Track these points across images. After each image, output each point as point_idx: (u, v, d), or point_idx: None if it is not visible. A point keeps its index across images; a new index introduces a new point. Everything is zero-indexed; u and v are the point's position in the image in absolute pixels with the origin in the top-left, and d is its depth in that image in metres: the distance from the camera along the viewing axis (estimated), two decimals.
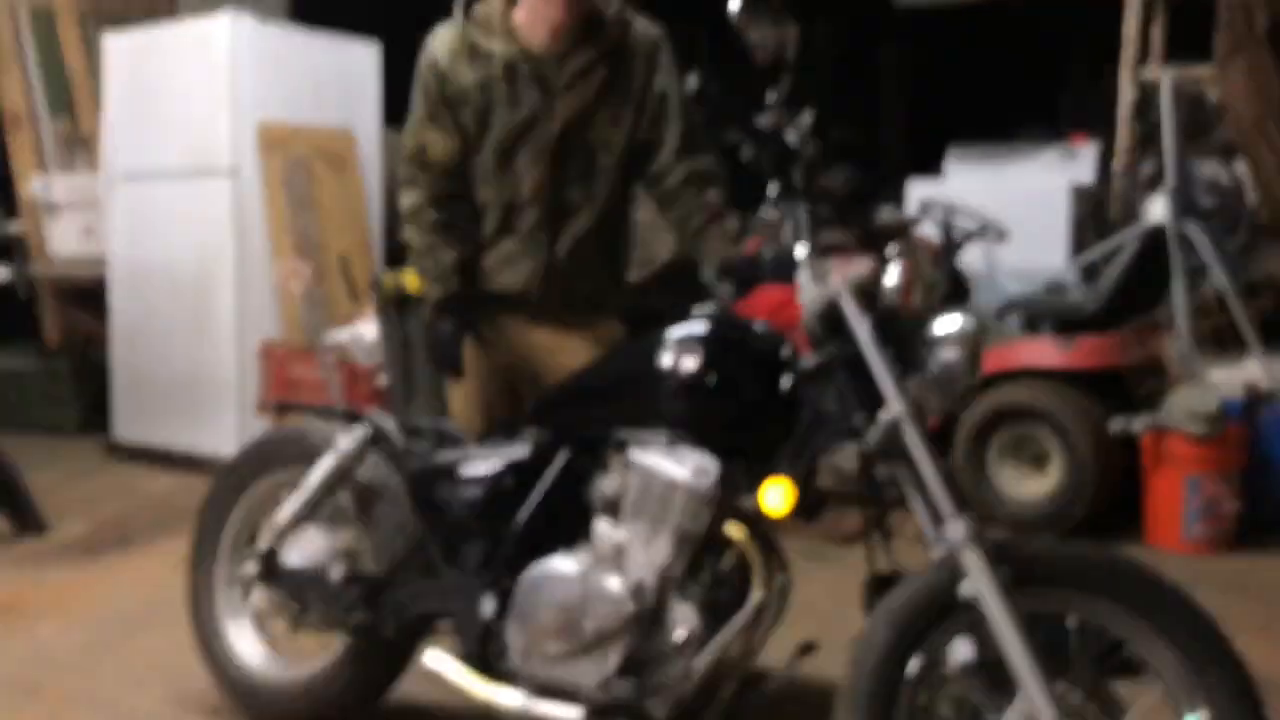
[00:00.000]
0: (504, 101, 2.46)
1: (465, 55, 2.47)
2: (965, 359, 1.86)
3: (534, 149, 2.48)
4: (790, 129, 1.99)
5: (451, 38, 2.50)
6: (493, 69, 2.46)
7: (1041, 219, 5.40)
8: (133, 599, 3.56)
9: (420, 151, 2.55)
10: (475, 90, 2.47)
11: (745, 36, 1.95)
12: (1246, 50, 4.76)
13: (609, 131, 2.51)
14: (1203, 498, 3.92)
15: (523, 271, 2.55)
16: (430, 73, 2.51)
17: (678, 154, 2.55)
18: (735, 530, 2.02)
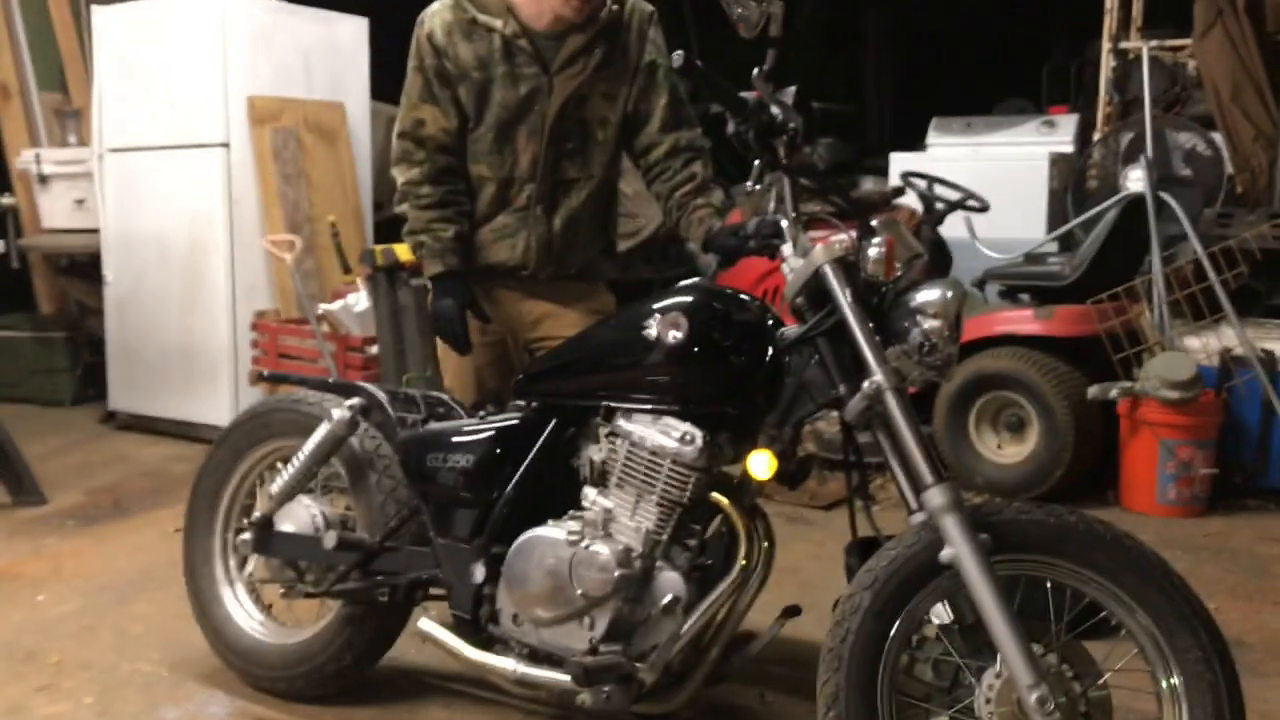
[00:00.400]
0: (503, 79, 2.48)
1: (463, 32, 2.48)
2: (946, 329, 1.90)
3: (532, 126, 2.51)
4: (774, 102, 2.02)
5: (449, 14, 2.49)
6: (492, 46, 2.47)
7: (1021, 189, 5.47)
8: (129, 566, 3.61)
9: (417, 126, 2.55)
10: (474, 67, 2.48)
11: (730, 10, 1.97)
12: (1224, 23, 4.81)
13: (605, 107, 2.56)
14: (1177, 462, 3.99)
15: (519, 245, 2.59)
16: (427, 48, 2.50)
17: (664, 126, 2.61)
18: (720, 497, 2.07)
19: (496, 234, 2.60)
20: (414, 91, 2.55)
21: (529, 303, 2.66)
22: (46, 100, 6.33)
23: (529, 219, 2.57)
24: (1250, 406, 4.12)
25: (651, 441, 2.05)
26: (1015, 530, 1.81)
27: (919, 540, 1.83)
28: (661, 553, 2.08)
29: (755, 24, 1.97)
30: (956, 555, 1.75)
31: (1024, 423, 4.24)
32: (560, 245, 2.61)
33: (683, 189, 2.59)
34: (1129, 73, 5.43)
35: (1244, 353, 4.09)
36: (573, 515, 2.15)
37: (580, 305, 2.68)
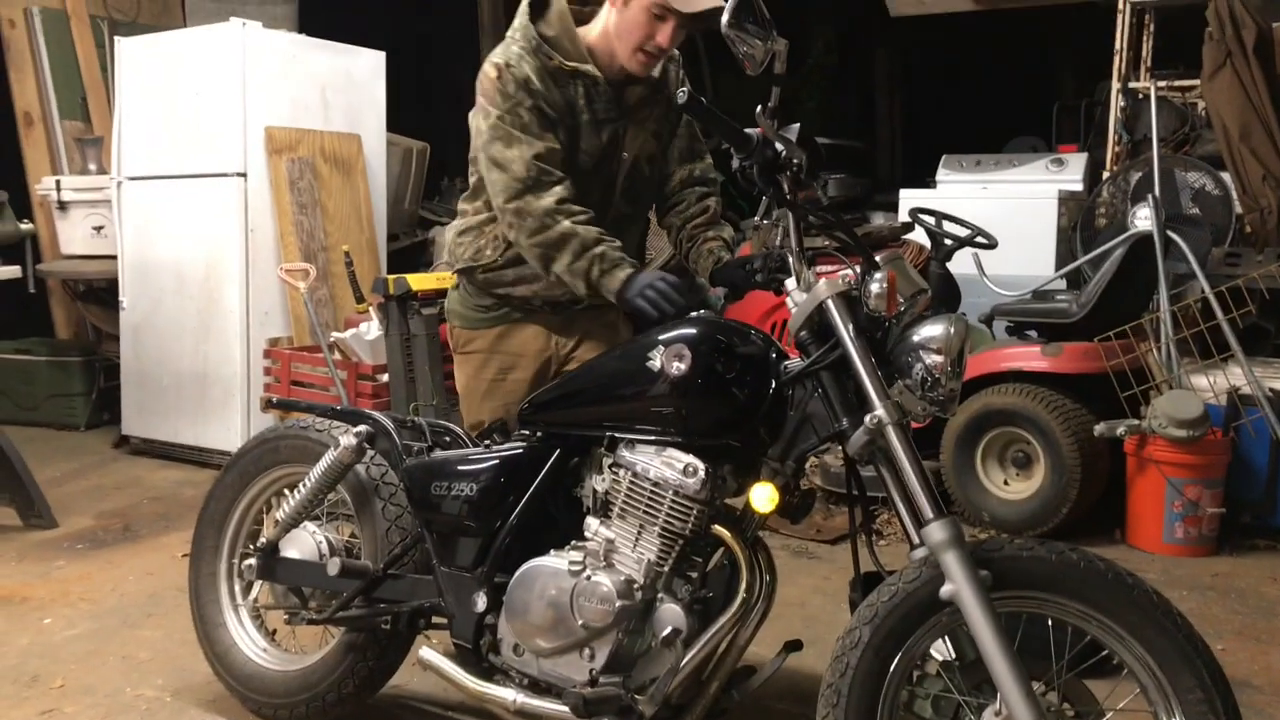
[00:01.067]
0: (587, 126, 2.46)
1: (551, 77, 2.42)
2: (949, 364, 1.90)
3: (604, 174, 2.51)
4: (778, 139, 2.04)
5: (534, 60, 2.40)
6: (577, 92, 2.44)
7: (1030, 227, 5.50)
8: (137, 591, 3.63)
9: (550, 153, 2.39)
10: (566, 113, 2.44)
11: (736, 48, 2.00)
12: (1233, 64, 4.84)
13: (652, 144, 2.58)
14: (1184, 501, 3.98)
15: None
16: (524, 92, 2.38)
17: (681, 157, 2.65)
18: (722, 530, 2.07)
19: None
20: (533, 125, 2.38)
21: (560, 336, 2.64)
22: (68, 128, 6.44)
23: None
24: (1258, 446, 4.10)
25: (654, 473, 2.06)
26: (1016, 567, 1.80)
27: (919, 576, 1.83)
28: (663, 585, 2.09)
29: (760, 62, 2.00)
30: (957, 592, 1.75)
31: (1031, 459, 4.23)
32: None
33: (694, 221, 2.62)
34: (1138, 112, 5.47)
35: (1252, 392, 4.08)
36: (575, 545, 2.16)
37: (610, 329, 2.66)
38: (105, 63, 6.41)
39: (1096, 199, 5.25)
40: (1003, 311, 4.61)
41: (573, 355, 2.66)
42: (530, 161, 2.36)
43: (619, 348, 2.29)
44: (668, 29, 2.34)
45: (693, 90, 1.97)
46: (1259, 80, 4.84)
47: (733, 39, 1.97)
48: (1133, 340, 4.21)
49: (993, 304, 4.69)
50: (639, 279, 2.34)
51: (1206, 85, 5.00)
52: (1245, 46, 4.85)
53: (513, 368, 2.65)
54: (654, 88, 2.52)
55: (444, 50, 9.23)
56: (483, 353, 2.66)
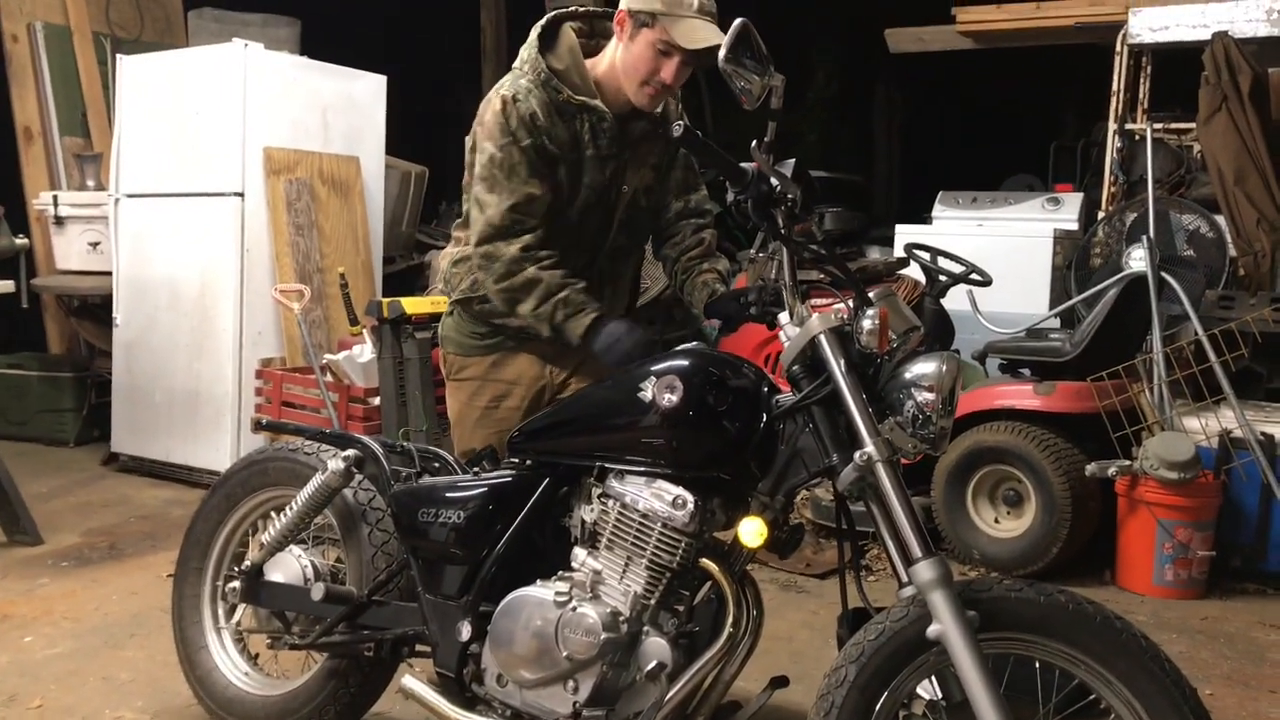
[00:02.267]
0: (591, 161, 2.46)
1: (559, 111, 2.43)
2: (940, 402, 1.89)
3: (604, 208, 2.52)
4: (773, 173, 2.04)
5: (543, 94, 2.40)
6: (583, 125, 2.44)
7: (1025, 265, 5.52)
8: (120, 610, 3.60)
9: (530, 201, 2.41)
10: (570, 147, 2.45)
11: (733, 83, 2.01)
12: (1229, 108, 4.87)
13: (650, 177, 2.60)
14: (1175, 543, 3.97)
15: None
16: (529, 126, 2.38)
17: (676, 190, 2.66)
18: (710, 563, 2.06)
19: None
20: (521, 169, 2.39)
21: (554, 365, 2.63)
22: (68, 144, 6.45)
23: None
24: (1249, 490, 4.10)
25: (643, 504, 2.05)
26: (1004, 608, 1.79)
27: (906, 615, 1.81)
28: (649, 618, 2.07)
29: (757, 97, 2.01)
30: (944, 632, 1.74)
31: (1022, 497, 4.23)
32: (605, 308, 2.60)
33: (690, 254, 2.63)
34: (1134, 154, 5.51)
35: (1243, 435, 4.08)
36: (561, 576, 2.15)
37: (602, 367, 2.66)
38: (107, 80, 6.43)
39: (1092, 239, 5.27)
40: (996, 349, 4.61)
41: (567, 384, 2.65)
42: (506, 211, 2.38)
43: (611, 378, 2.28)
44: (673, 65, 2.36)
45: (689, 124, 1.97)
46: (1254, 125, 4.87)
47: (729, 74, 1.98)
48: (1125, 380, 4.21)
49: (986, 341, 4.69)
50: (604, 329, 2.37)
51: (1202, 129, 5.04)
52: (1241, 91, 4.89)
53: (506, 395, 2.64)
54: (656, 122, 2.53)
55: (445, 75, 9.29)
56: (476, 380, 2.66)
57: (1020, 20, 6.31)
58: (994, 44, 6.74)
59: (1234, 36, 5.04)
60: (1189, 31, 5.38)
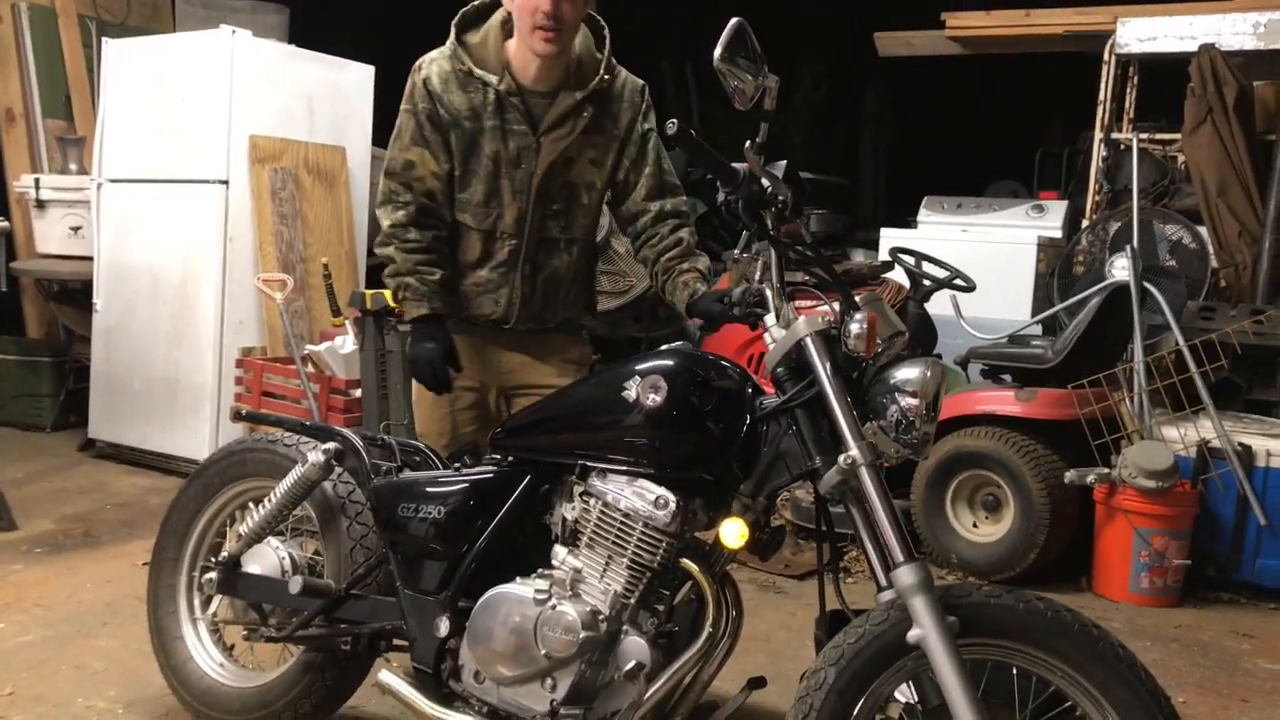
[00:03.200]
0: (492, 131, 2.52)
1: (459, 82, 2.52)
2: (924, 407, 1.90)
3: (519, 183, 2.55)
4: (765, 174, 2.05)
5: (446, 64, 2.53)
6: (485, 98, 2.51)
7: (1009, 271, 5.55)
8: (94, 598, 3.57)
9: (407, 168, 2.58)
10: (466, 115, 2.52)
11: (727, 83, 2.00)
12: (1214, 120, 4.90)
13: (593, 172, 2.60)
14: (1151, 551, 3.99)
15: (501, 301, 2.62)
16: (422, 93, 2.54)
17: (650, 194, 2.66)
18: (691, 564, 2.06)
19: (480, 288, 2.63)
20: (406, 134, 2.57)
21: (507, 353, 2.70)
22: (50, 127, 6.39)
23: (511, 275, 2.60)
24: (1225, 500, 4.13)
25: (625, 503, 2.05)
26: (983, 614, 1.80)
27: (887, 619, 1.82)
28: (629, 617, 2.07)
29: (751, 97, 2.00)
30: (924, 637, 1.74)
31: (1001, 503, 4.24)
32: (540, 303, 2.64)
33: (669, 254, 2.63)
34: (1119, 163, 5.53)
35: (1221, 445, 4.11)
36: (541, 574, 2.14)
37: (557, 356, 2.72)
38: (91, 63, 6.36)
39: (1075, 247, 5.29)
40: (978, 354, 4.63)
41: (514, 375, 2.70)
42: (386, 179, 2.61)
43: (595, 376, 2.29)
44: None
45: (682, 123, 1.96)
46: (1238, 137, 4.91)
47: (724, 73, 1.97)
48: (1106, 389, 4.24)
49: (969, 346, 4.71)
50: (423, 330, 2.56)
51: (1187, 140, 5.07)
52: (1226, 104, 4.92)
53: (457, 377, 2.68)
54: (588, 108, 2.54)
55: None
56: None
57: (1009, 27, 6.33)
58: (982, 50, 6.76)
59: (1220, 49, 5.07)
60: (1176, 43, 5.42)
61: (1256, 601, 4.15)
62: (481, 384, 2.71)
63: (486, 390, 2.72)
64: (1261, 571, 4.11)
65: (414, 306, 2.57)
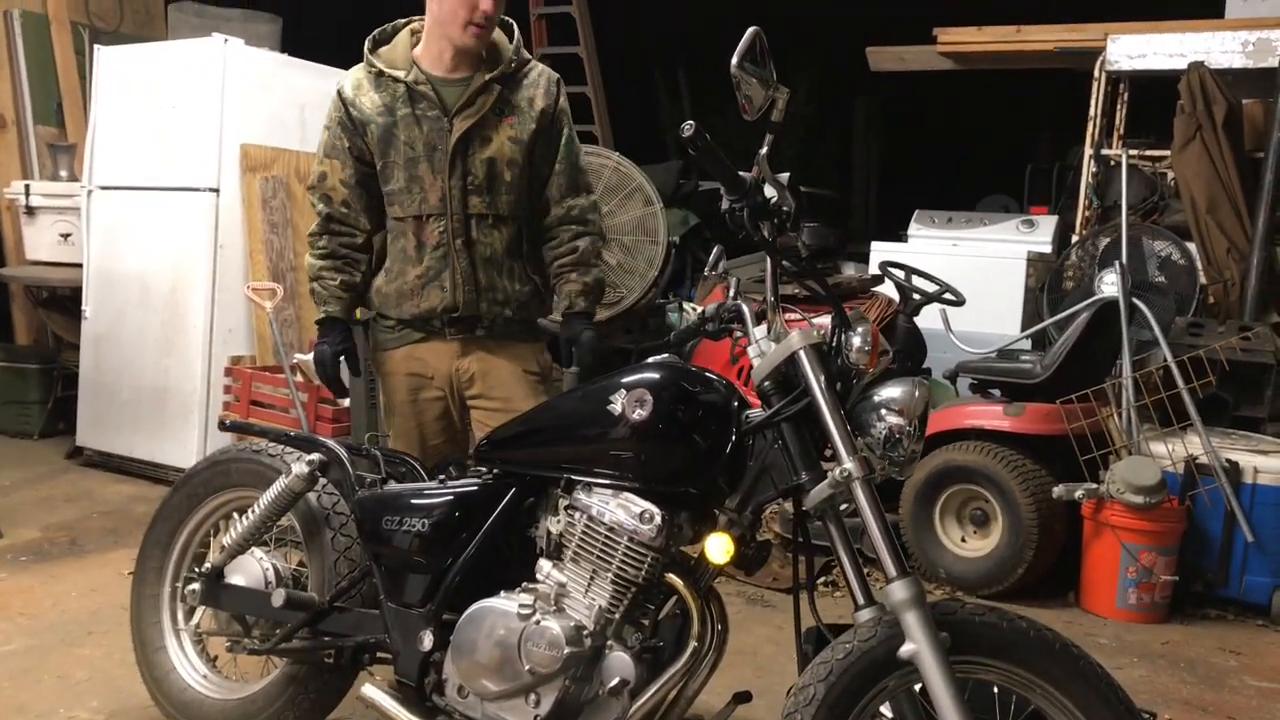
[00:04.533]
0: (404, 120, 2.65)
1: (371, 84, 2.68)
2: (910, 426, 1.90)
3: (437, 163, 2.65)
4: (771, 184, 2.04)
5: (359, 72, 2.72)
6: (396, 93, 2.66)
7: (998, 286, 5.56)
8: (79, 608, 3.55)
9: (320, 180, 2.76)
10: (378, 113, 2.66)
11: (739, 91, 2.00)
12: (1203, 137, 4.93)
13: (512, 150, 2.68)
14: (1139, 567, 4.00)
15: (447, 285, 2.67)
16: (336, 102, 2.73)
17: (560, 191, 2.78)
18: (676, 578, 2.05)
19: (423, 279, 2.69)
20: (322, 148, 2.78)
21: (463, 360, 2.74)
22: (41, 133, 6.38)
23: (449, 256, 2.67)
24: (1213, 516, 4.13)
25: (610, 517, 2.04)
26: (969, 631, 1.80)
27: (875, 635, 1.81)
28: (613, 632, 2.06)
29: (759, 107, 2.00)
30: (917, 652, 1.74)
31: (989, 517, 4.24)
32: (486, 280, 2.69)
33: (562, 260, 2.76)
34: (1109, 179, 5.55)
35: (1209, 462, 4.12)
36: (526, 588, 2.13)
37: (516, 364, 2.75)
38: (84, 69, 6.36)
39: (1065, 262, 5.31)
40: (967, 368, 4.64)
41: (471, 384, 2.75)
42: (311, 184, 2.80)
43: (580, 388, 2.28)
44: None
45: (699, 126, 1.95)
46: (1227, 155, 4.93)
47: (737, 80, 1.96)
48: (1094, 404, 4.24)
49: (958, 360, 4.72)
50: (323, 331, 2.75)
51: (1176, 156, 5.09)
52: (1215, 121, 4.95)
53: (422, 388, 2.78)
54: (482, 89, 2.65)
55: None
56: (393, 374, 2.80)
57: (1001, 43, 6.35)
58: (974, 65, 6.78)
59: (1210, 67, 5.10)
60: (1166, 60, 5.44)
61: (1244, 618, 4.15)
62: (445, 394, 2.77)
63: (449, 400, 2.75)
64: (1249, 588, 4.11)
65: (317, 310, 2.79)
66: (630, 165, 5.36)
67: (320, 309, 2.79)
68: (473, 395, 2.75)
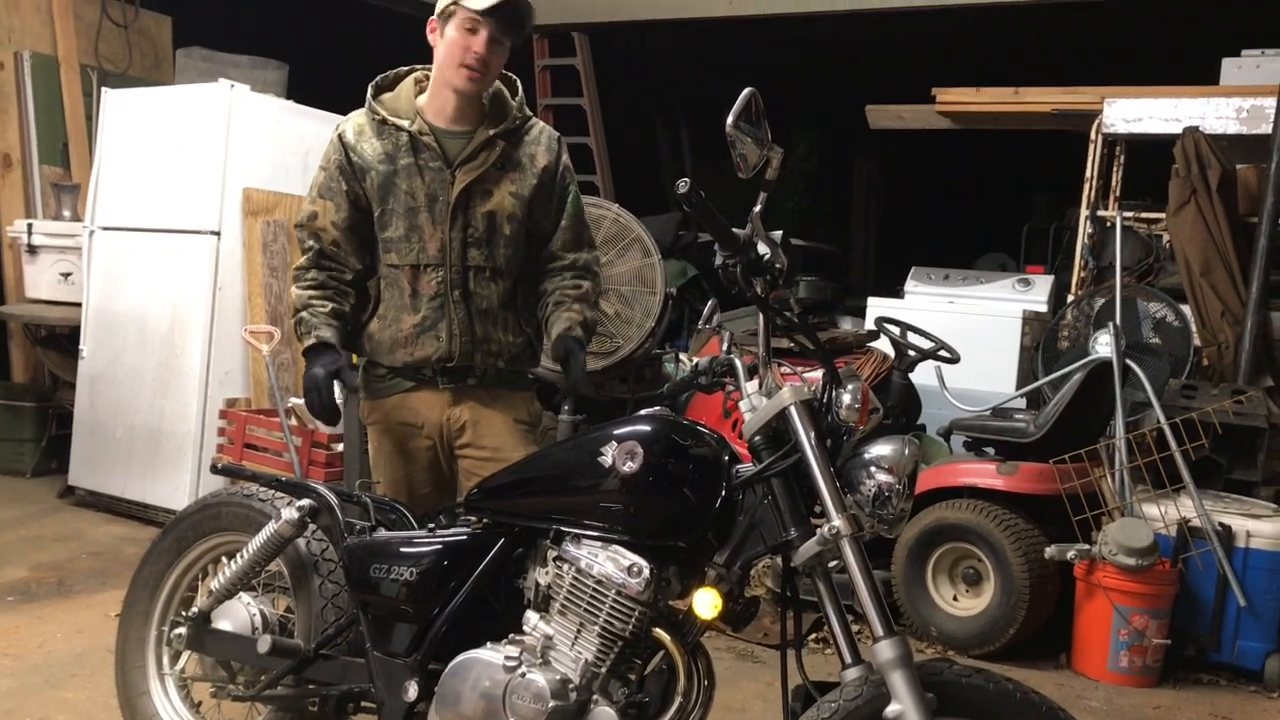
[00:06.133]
0: (406, 170, 2.65)
1: (374, 131, 2.68)
2: (900, 484, 1.91)
3: (437, 214, 2.65)
4: (764, 240, 2.07)
5: (362, 117, 2.71)
6: (399, 142, 2.66)
7: (993, 344, 5.59)
8: (64, 649, 3.53)
9: (310, 219, 2.72)
10: (380, 161, 2.66)
11: (734, 149, 2.03)
12: (1198, 201, 4.97)
13: (513, 205, 2.69)
14: (1131, 630, 3.97)
15: (442, 335, 2.66)
16: (336, 146, 2.70)
17: (566, 246, 2.78)
18: (663, 633, 2.04)
19: (419, 328, 2.67)
20: (315, 187, 2.74)
21: (454, 409, 2.72)
22: (46, 173, 6.43)
23: (446, 306, 2.65)
24: (1205, 579, 4.11)
25: (598, 570, 2.03)
26: (956, 693, 1.79)
27: (862, 694, 1.81)
28: (599, 686, 2.05)
29: (754, 165, 2.03)
30: (903, 713, 1.74)
31: (981, 576, 4.23)
32: (481, 331, 2.68)
33: (564, 289, 2.75)
34: (1105, 240, 5.59)
35: (1201, 525, 4.11)
36: (512, 639, 2.12)
37: (507, 413, 2.74)
38: (91, 111, 6.42)
39: (1060, 322, 5.33)
40: (961, 426, 4.64)
41: (461, 434, 2.72)
42: (296, 229, 2.76)
43: (571, 440, 2.29)
44: (482, 38, 2.57)
45: (694, 183, 1.98)
46: (1221, 218, 4.97)
47: (733, 138, 1.99)
48: (1087, 464, 4.25)
49: (952, 418, 4.72)
50: (312, 357, 2.61)
51: (1171, 219, 5.13)
52: (1210, 185, 4.99)
53: (411, 437, 2.74)
54: (499, 143, 2.67)
55: None
56: (382, 423, 2.77)
57: (998, 104, 6.43)
58: (972, 125, 6.86)
59: (1205, 132, 5.16)
60: (1161, 124, 5.50)
61: (1236, 684, 4.12)
62: (435, 443, 2.75)
63: (438, 450, 2.74)
64: (1241, 653, 4.09)
65: (306, 339, 2.66)
66: (629, 216, 5.40)
67: (310, 336, 2.64)
68: (463, 444, 2.73)
